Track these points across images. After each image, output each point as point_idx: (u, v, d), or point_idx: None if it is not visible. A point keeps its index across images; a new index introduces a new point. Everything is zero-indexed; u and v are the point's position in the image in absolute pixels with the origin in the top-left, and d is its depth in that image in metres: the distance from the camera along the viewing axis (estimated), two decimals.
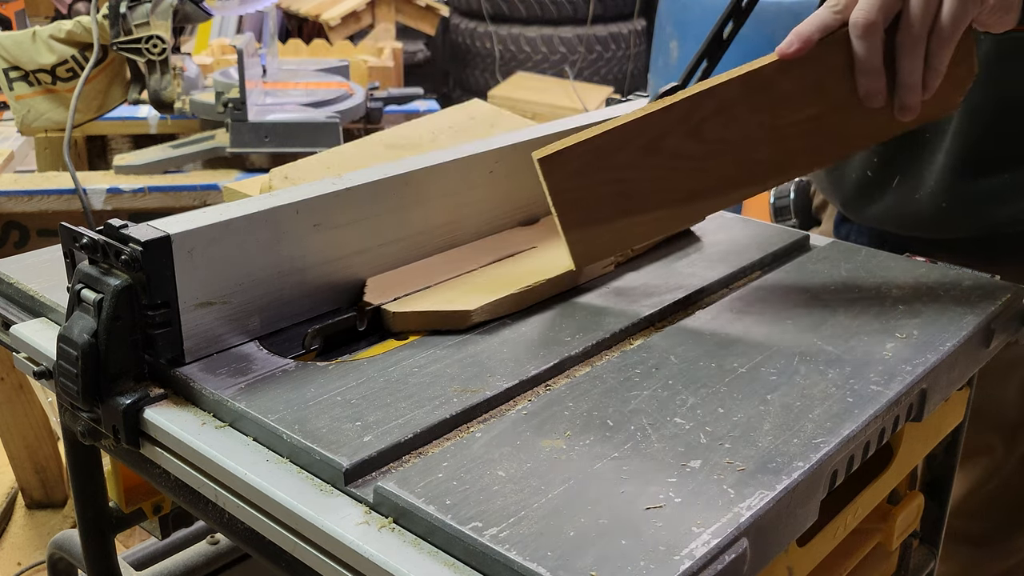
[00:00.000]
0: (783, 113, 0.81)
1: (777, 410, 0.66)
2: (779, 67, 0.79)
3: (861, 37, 0.76)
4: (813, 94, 0.80)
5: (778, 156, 0.83)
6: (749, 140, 0.82)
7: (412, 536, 0.56)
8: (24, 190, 1.72)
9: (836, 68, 0.79)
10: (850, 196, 1.15)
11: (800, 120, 0.82)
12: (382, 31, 3.70)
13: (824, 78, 0.80)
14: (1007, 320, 0.86)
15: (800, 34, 0.78)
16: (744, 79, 0.79)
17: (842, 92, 0.80)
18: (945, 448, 0.95)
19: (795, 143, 0.83)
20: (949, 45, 0.76)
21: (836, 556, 0.79)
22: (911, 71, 0.77)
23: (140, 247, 0.68)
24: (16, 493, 2.09)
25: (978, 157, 1.03)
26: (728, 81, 0.79)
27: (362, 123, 2.09)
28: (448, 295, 0.81)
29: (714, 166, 0.82)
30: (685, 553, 0.51)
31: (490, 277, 0.85)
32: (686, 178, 0.82)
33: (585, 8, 4.70)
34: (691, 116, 0.79)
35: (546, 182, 0.78)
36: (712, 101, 0.79)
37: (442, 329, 0.77)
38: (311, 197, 0.78)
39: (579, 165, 0.78)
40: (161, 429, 0.67)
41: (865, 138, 0.85)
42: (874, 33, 0.76)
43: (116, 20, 1.76)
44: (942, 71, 0.77)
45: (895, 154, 1.09)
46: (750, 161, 0.83)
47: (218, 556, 1.06)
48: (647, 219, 0.82)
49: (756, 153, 0.82)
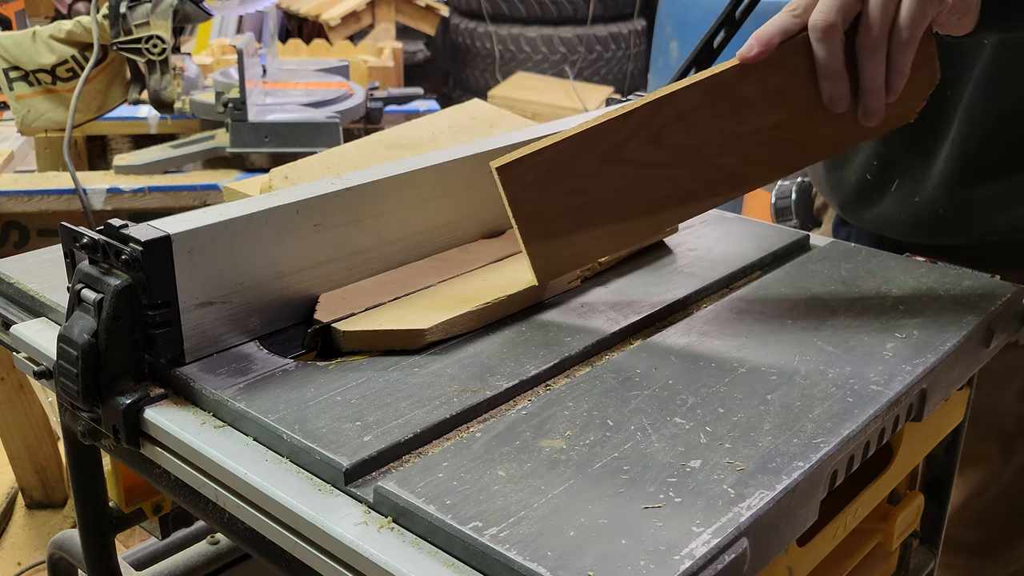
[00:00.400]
0: (746, 119, 0.80)
1: (777, 410, 0.66)
2: (740, 72, 0.77)
3: (821, 40, 0.75)
4: (776, 100, 0.79)
5: (742, 164, 0.81)
6: (712, 147, 0.80)
7: (412, 536, 0.56)
8: (24, 190, 1.72)
9: (798, 73, 0.78)
10: (849, 199, 1.15)
11: (764, 127, 0.80)
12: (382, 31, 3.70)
13: (786, 83, 0.78)
14: (1007, 320, 0.86)
15: (760, 38, 0.77)
16: (705, 84, 0.77)
17: (805, 98, 0.79)
18: (945, 448, 0.95)
19: (759, 150, 0.81)
20: (910, 46, 0.75)
21: (836, 556, 0.79)
22: (873, 74, 0.76)
23: (140, 247, 0.68)
24: (16, 493, 2.09)
25: (977, 164, 1.03)
26: (689, 86, 0.77)
27: (362, 123, 2.09)
28: (402, 312, 0.78)
29: (677, 174, 0.80)
30: (685, 553, 0.51)
31: (449, 293, 0.82)
32: (649, 187, 0.80)
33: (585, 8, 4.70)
34: (651, 122, 0.77)
35: (505, 193, 0.75)
36: (672, 107, 0.77)
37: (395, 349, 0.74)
38: (311, 197, 0.78)
39: (539, 174, 0.76)
40: (161, 429, 0.67)
41: (830, 145, 0.84)
42: (833, 35, 0.75)
43: (116, 20, 1.76)
44: (905, 73, 0.76)
45: (895, 158, 1.09)
46: (714, 169, 0.81)
47: (218, 556, 1.06)
48: (611, 230, 0.80)
49: (720, 160, 0.80)
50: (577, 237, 0.79)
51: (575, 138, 0.76)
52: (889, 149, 1.09)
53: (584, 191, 0.78)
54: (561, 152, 0.76)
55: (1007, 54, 0.97)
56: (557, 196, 0.77)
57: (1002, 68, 0.98)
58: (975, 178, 1.03)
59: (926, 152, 1.06)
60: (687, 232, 1.00)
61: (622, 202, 0.79)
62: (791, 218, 1.31)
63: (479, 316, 0.78)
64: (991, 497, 1.16)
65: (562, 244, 0.79)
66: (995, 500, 1.16)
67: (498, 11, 4.79)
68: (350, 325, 0.76)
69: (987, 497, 1.16)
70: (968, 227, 1.05)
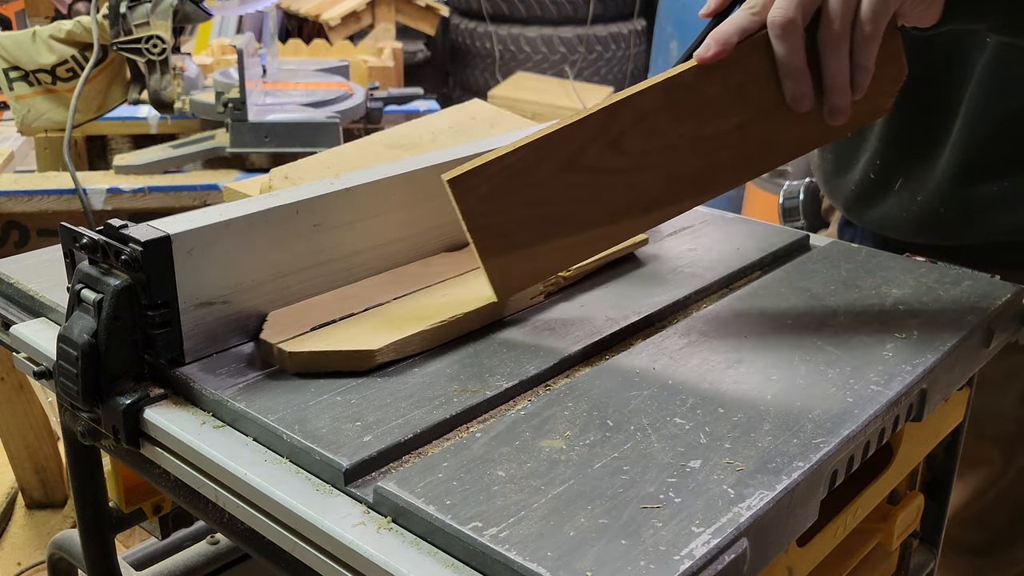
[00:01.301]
0: (708, 122, 0.76)
1: (777, 410, 0.66)
2: (699, 72, 0.75)
3: (780, 37, 0.73)
4: (738, 101, 0.76)
5: (706, 167, 0.78)
6: (674, 152, 0.76)
7: (412, 536, 0.56)
8: (24, 190, 1.72)
9: (759, 72, 0.76)
10: (852, 199, 1.15)
11: (726, 129, 0.77)
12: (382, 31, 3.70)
13: (747, 83, 0.76)
14: (1007, 320, 0.86)
15: (717, 37, 0.74)
16: (664, 86, 0.74)
17: (768, 97, 0.76)
18: (945, 448, 0.95)
19: (723, 153, 0.78)
20: (873, 40, 0.73)
21: (836, 556, 0.79)
22: (837, 71, 0.74)
23: (140, 247, 0.68)
24: (16, 493, 2.09)
25: (979, 164, 1.02)
26: (647, 89, 0.74)
27: (362, 123, 2.09)
28: (353, 331, 0.74)
29: (639, 181, 0.76)
30: (685, 553, 0.51)
31: (404, 310, 0.78)
32: (610, 195, 0.76)
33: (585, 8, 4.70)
34: (609, 128, 0.74)
35: (459, 206, 0.72)
36: (631, 111, 0.74)
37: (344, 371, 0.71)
38: (311, 197, 0.78)
39: (494, 185, 0.72)
40: (161, 429, 0.67)
41: (797, 145, 0.81)
42: (793, 32, 0.72)
43: (116, 20, 1.76)
44: (870, 68, 0.74)
45: (897, 158, 1.09)
46: (677, 174, 0.77)
47: (218, 556, 1.06)
48: (573, 241, 0.77)
49: (683, 165, 0.77)
50: (537, 250, 0.76)
51: (530, 146, 0.72)
52: (892, 149, 1.09)
53: (542, 201, 0.74)
54: (516, 161, 0.72)
55: (1010, 53, 0.97)
56: (514, 207, 0.74)
57: (1005, 67, 0.97)
58: (977, 178, 1.03)
59: (928, 152, 1.06)
60: (687, 232, 1.00)
61: (583, 211, 0.76)
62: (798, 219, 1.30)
63: (433, 335, 0.74)
64: (991, 499, 1.16)
65: (521, 257, 0.75)
66: (995, 502, 1.16)
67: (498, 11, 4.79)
68: (296, 345, 0.72)
69: (987, 499, 1.16)
70: (970, 227, 1.05)
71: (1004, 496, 1.15)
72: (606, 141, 0.74)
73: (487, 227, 0.73)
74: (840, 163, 1.16)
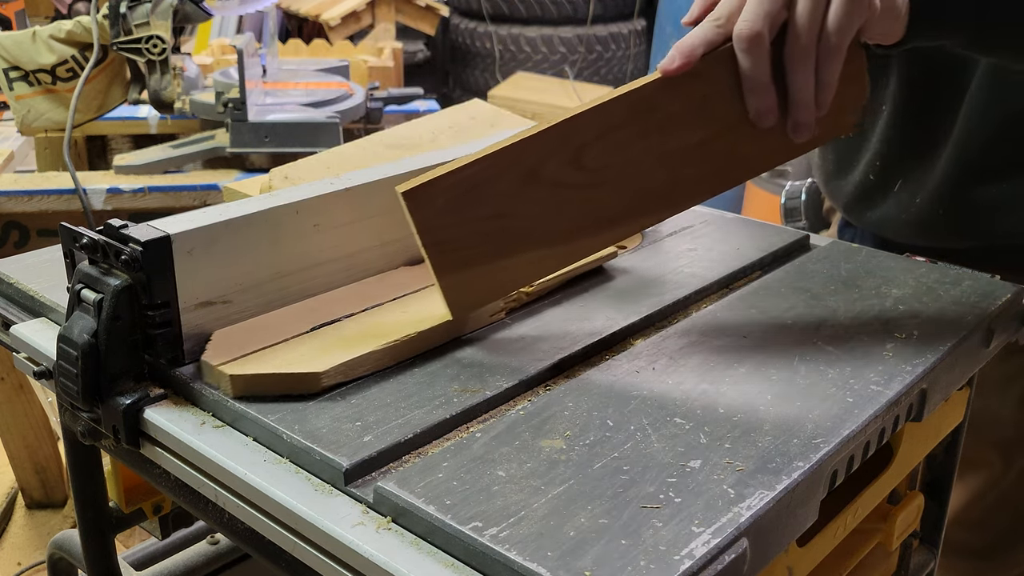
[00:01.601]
0: (671, 137, 0.74)
1: (777, 410, 0.66)
2: (663, 85, 0.73)
3: (746, 51, 0.71)
4: (701, 115, 0.74)
5: (668, 184, 0.76)
6: (636, 167, 0.74)
7: (412, 536, 0.56)
8: (24, 190, 1.72)
9: (723, 86, 0.74)
10: (851, 200, 1.15)
11: (690, 144, 0.75)
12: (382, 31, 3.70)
13: (711, 97, 0.74)
14: (1007, 320, 0.86)
15: (682, 49, 0.72)
16: (626, 99, 0.72)
17: (732, 113, 0.74)
18: (945, 448, 0.95)
19: (686, 169, 0.76)
20: (838, 55, 0.72)
21: (836, 556, 0.79)
22: (802, 86, 0.72)
23: (140, 247, 0.68)
24: (16, 493, 2.09)
25: (979, 166, 1.02)
26: (609, 102, 0.72)
27: (362, 123, 2.09)
28: (300, 352, 0.71)
29: (600, 196, 0.74)
30: (685, 553, 0.51)
31: (358, 328, 0.75)
32: (571, 210, 0.74)
33: (585, 8, 4.70)
34: (571, 141, 0.72)
35: (413, 219, 0.69)
36: (593, 124, 0.72)
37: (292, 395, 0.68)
38: (311, 197, 0.78)
39: (450, 198, 0.69)
40: (161, 429, 0.67)
41: (761, 161, 0.79)
42: (759, 45, 0.71)
43: (116, 20, 1.76)
44: (833, 84, 0.73)
45: (898, 159, 1.08)
46: (639, 190, 0.75)
47: (218, 556, 1.06)
48: (532, 257, 0.74)
49: (645, 181, 0.75)
50: (495, 266, 0.73)
51: (489, 158, 0.70)
52: (892, 150, 1.09)
53: (501, 216, 0.72)
54: (474, 174, 0.70)
55: None
56: (471, 222, 0.71)
57: (1004, 70, 0.97)
58: (976, 181, 1.03)
59: (928, 153, 1.05)
60: (687, 232, 1.00)
61: (543, 227, 0.73)
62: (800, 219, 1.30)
63: (384, 356, 0.71)
64: (991, 502, 1.16)
65: (479, 274, 0.72)
66: (995, 505, 1.16)
67: (498, 11, 4.79)
68: (238, 368, 0.68)
69: (987, 502, 1.16)
70: (968, 230, 1.05)
71: (1004, 499, 1.15)
72: (567, 154, 0.72)
73: (442, 242, 0.70)
74: (840, 164, 1.16)
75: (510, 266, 0.74)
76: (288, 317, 0.77)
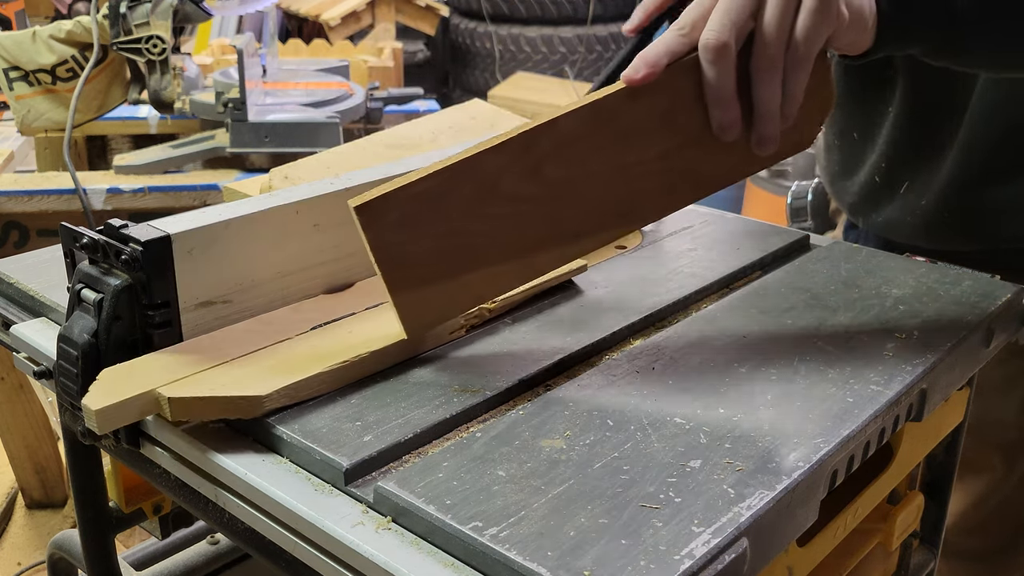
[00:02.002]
0: (631, 149, 0.72)
1: (777, 410, 0.66)
2: (625, 96, 0.70)
3: (712, 61, 0.69)
4: (663, 128, 0.72)
5: (628, 198, 0.74)
6: (595, 180, 0.72)
7: (412, 536, 0.56)
8: (24, 190, 1.72)
9: (686, 98, 0.71)
10: (857, 202, 1.14)
11: (650, 158, 0.73)
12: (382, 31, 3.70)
13: (675, 109, 0.72)
14: (1007, 320, 0.86)
15: (647, 59, 0.70)
16: (587, 111, 0.70)
17: (694, 126, 0.72)
18: (945, 448, 0.95)
19: (646, 183, 0.74)
20: (806, 65, 0.70)
21: (836, 556, 0.79)
22: (769, 98, 0.71)
23: (140, 247, 0.68)
24: (16, 493, 2.10)
25: (984, 169, 1.02)
26: (569, 113, 0.69)
27: (362, 123, 2.09)
28: (244, 373, 0.67)
29: (559, 210, 0.72)
30: (685, 553, 0.51)
31: (306, 348, 0.72)
32: (530, 225, 0.71)
33: (585, 8, 4.70)
34: (529, 153, 0.69)
35: (366, 235, 0.66)
36: (551, 136, 0.69)
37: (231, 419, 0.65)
38: (311, 197, 0.78)
39: (404, 213, 0.67)
40: (161, 429, 0.67)
41: (723, 176, 0.77)
42: (725, 56, 0.69)
43: (116, 20, 1.76)
44: (800, 96, 0.71)
45: (903, 161, 1.08)
46: (598, 204, 0.73)
47: (218, 556, 1.06)
48: (492, 273, 0.72)
49: (604, 194, 0.73)
50: (452, 283, 0.70)
51: (444, 172, 0.67)
52: (898, 151, 1.08)
53: (457, 231, 0.69)
54: (430, 188, 0.67)
55: None
56: (427, 238, 0.68)
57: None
58: (982, 183, 1.02)
59: (934, 156, 1.05)
60: (687, 232, 1.00)
61: (501, 242, 0.71)
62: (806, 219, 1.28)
63: (332, 377, 0.68)
64: (994, 506, 1.15)
65: (435, 291, 0.70)
66: (998, 509, 1.15)
67: (498, 11, 4.79)
68: (178, 390, 0.65)
69: (990, 506, 1.16)
70: (974, 233, 1.05)
71: (1007, 503, 1.15)
72: (525, 167, 0.70)
73: (397, 258, 0.68)
74: (846, 165, 1.16)
75: (468, 283, 0.71)
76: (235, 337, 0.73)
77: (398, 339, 0.71)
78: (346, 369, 0.69)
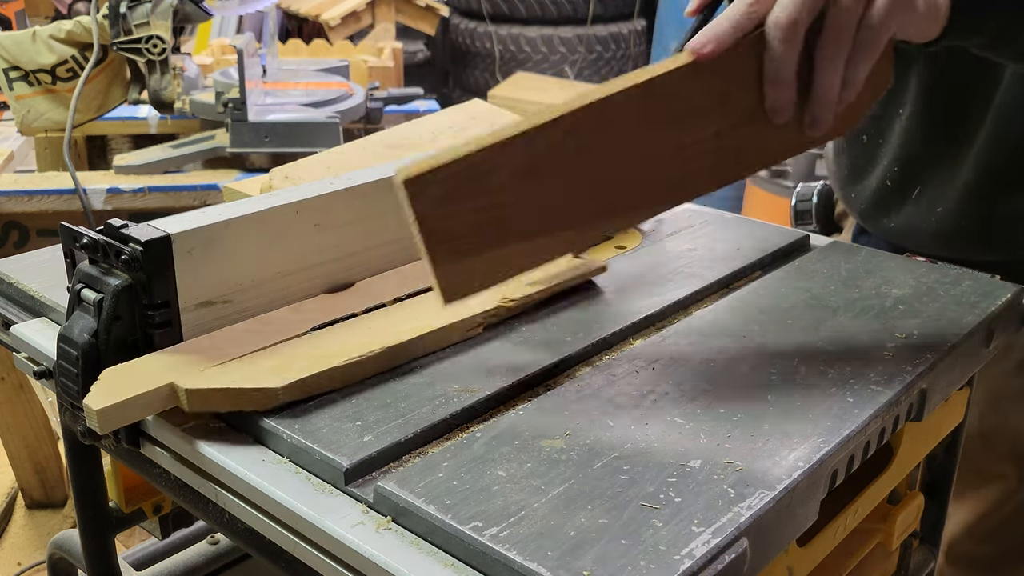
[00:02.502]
0: (684, 128, 0.71)
1: (777, 410, 0.66)
2: (684, 73, 0.68)
3: (782, 40, 0.66)
4: (717, 105, 0.70)
5: (678, 175, 0.73)
6: (645, 157, 0.71)
7: (412, 536, 0.56)
8: (24, 190, 1.72)
9: (744, 75, 0.69)
10: (868, 206, 1.11)
11: (702, 136, 0.71)
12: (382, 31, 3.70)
13: (730, 86, 0.70)
14: (1007, 320, 0.86)
15: (714, 32, 0.67)
16: (644, 87, 0.68)
17: (747, 104, 0.71)
18: (945, 448, 0.95)
19: (697, 161, 0.72)
20: (873, 52, 0.68)
21: (836, 556, 0.79)
22: (829, 83, 0.68)
23: (140, 247, 0.68)
24: (16, 493, 2.10)
25: (1003, 176, 0.99)
26: (625, 90, 0.67)
27: (362, 123, 2.09)
28: (264, 366, 0.68)
29: (606, 187, 0.71)
30: (685, 553, 0.51)
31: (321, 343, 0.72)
32: (575, 201, 0.70)
33: (585, 8, 4.70)
34: (579, 130, 0.68)
35: (412, 207, 0.65)
36: (604, 113, 0.68)
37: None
38: (311, 197, 0.78)
39: (450, 186, 0.66)
40: (161, 429, 0.67)
41: (772, 155, 0.75)
42: (796, 34, 0.66)
43: (116, 20, 1.76)
44: (861, 82, 0.69)
45: (918, 164, 1.05)
46: (647, 181, 0.72)
47: (218, 556, 1.06)
48: (529, 247, 0.71)
49: (653, 172, 0.72)
50: (492, 254, 0.69)
51: (492, 148, 0.66)
52: (912, 154, 1.05)
53: (500, 204, 0.68)
54: (478, 162, 0.66)
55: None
56: (470, 212, 0.67)
57: None
58: (1001, 190, 0.99)
59: (950, 160, 1.02)
60: (687, 232, 1.00)
61: (541, 217, 0.70)
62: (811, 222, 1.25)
63: (346, 372, 0.69)
64: (1005, 515, 1.13)
65: (474, 263, 0.69)
66: (1009, 518, 1.13)
67: (498, 11, 4.79)
68: (195, 382, 0.66)
69: (1001, 515, 1.14)
70: (991, 242, 1.02)
71: (1019, 512, 1.13)
72: (574, 144, 0.68)
73: (441, 231, 0.67)
74: (856, 169, 1.12)
75: (506, 255, 0.70)
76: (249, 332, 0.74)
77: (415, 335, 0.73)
78: (360, 364, 0.70)
